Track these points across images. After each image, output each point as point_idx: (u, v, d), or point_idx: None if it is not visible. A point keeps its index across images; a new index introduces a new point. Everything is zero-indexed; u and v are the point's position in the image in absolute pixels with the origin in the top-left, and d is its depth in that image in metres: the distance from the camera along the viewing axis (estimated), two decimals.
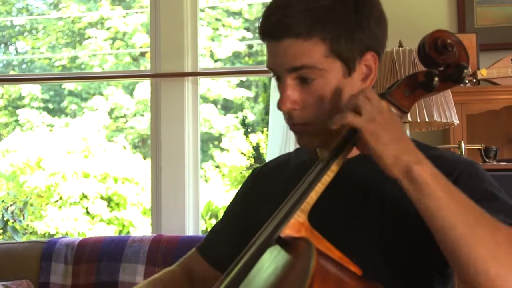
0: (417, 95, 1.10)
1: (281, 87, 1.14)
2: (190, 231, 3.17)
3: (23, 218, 4.60)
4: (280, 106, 1.13)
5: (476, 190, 1.06)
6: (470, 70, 2.58)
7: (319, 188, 1.00)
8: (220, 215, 5.87)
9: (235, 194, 1.42)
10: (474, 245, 0.92)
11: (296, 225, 0.96)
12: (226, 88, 5.97)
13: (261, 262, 0.96)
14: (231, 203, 1.42)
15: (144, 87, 5.91)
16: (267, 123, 3.39)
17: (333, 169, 1.02)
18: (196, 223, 3.21)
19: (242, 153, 4.46)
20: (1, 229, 4.40)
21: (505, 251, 0.92)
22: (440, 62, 1.08)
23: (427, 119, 2.20)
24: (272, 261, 0.95)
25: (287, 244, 0.95)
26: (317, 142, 1.17)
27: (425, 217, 0.96)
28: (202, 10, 5.58)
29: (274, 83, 2.60)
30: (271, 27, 1.13)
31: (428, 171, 0.96)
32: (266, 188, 1.32)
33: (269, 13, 1.13)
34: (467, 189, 1.03)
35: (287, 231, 0.96)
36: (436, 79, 1.08)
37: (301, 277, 0.84)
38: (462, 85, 2.60)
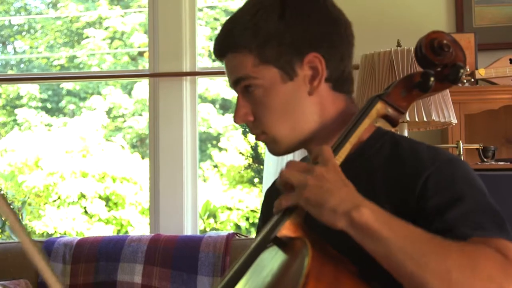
0: (414, 96, 1.10)
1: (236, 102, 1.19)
2: (188, 231, 3.17)
3: (22, 218, 4.60)
4: (234, 120, 1.18)
5: (443, 195, 1.04)
6: (468, 69, 2.59)
7: None
8: (218, 214, 5.83)
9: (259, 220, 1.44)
10: (425, 277, 0.91)
11: (292, 225, 0.97)
12: (224, 87, 5.97)
13: (259, 262, 0.96)
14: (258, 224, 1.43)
15: (142, 86, 5.91)
16: None
17: None
18: (194, 222, 3.21)
19: (240, 152, 4.47)
20: (0, 228, 4.39)
21: (456, 276, 0.91)
22: (437, 63, 1.08)
23: (425, 119, 2.20)
24: (269, 261, 0.96)
25: (284, 244, 0.96)
26: (282, 149, 1.18)
27: (376, 258, 0.94)
28: (201, 10, 5.57)
29: None
30: (216, 46, 1.20)
31: (368, 213, 0.93)
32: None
33: (216, 37, 1.20)
34: (434, 194, 1.04)
35: (284, 231, 0.96)
36: (432, 79, 1.08)
37: (296, 277, 0.85)
38: (460, 84, 2.61)
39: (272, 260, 0.95)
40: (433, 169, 1.07)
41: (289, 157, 2.83)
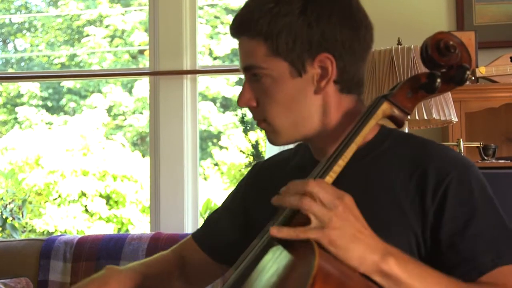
0: (419, 97, 1.10)
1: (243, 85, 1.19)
2: (189, 229, 3.17)
3: (22, 216, 4.60)
4: (237, 102, 1.19)
5: (460, 210, 1.06)
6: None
7: None
8: None
9: (236, 186, 1.43)
10: None
11: (298, 226, 0.96)
12: (225, 85, 5.98)
13: (264, 262, 0.96)
14: (231, 194, 1.42)
15: (143, 85, 5.91)
16: None
17: (335, 170, 1.02)
18: (195, 221, 3.21)
19: (241, 151, 4.46)
20: (0, 226, 4.40)
21: None
22: (443, 64, 1.08)
23: (425, 117, 2.20)
24: (274, 261, 0.95)
25: (289, 244, 0.95)
26: (281, 140, 1.18)
27: None
28: (201, 8, 5.57)
29: None
30: (233, 24, 1.18)
31: (396, 263, 0.94)
32: (265, 185, 1.32)
33: (237, 12, 1.19)
34: (453, 206, 1.05)
35: None
36: (439, 80, 1.07)
37: (303, 277, 0.84)
38: None
39: (277, 259, 0.95)
40: (453, 175, 1.08)
41: None
